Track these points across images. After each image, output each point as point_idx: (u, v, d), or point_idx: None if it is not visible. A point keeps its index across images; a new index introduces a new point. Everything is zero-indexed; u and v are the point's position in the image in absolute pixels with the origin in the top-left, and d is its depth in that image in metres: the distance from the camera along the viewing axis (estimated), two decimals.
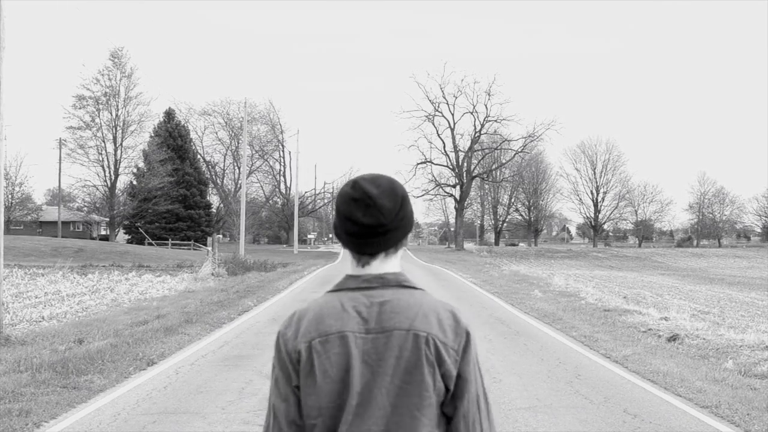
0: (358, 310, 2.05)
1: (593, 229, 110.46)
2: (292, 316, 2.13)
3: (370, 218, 2.07)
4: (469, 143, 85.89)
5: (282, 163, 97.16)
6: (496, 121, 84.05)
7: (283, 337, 2.09)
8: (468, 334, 2.08)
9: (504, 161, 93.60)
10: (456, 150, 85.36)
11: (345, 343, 2.02)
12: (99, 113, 65.97)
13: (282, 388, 2.08)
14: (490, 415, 2.10)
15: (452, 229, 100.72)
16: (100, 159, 66.39)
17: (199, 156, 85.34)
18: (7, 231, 66.92)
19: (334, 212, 2.35)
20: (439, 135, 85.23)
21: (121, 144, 66.90)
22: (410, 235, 2.22)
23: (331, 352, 2.02)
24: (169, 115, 77.02)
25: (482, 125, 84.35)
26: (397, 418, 1.99)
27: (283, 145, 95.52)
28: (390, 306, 2.05)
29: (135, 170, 69.48)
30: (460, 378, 2.04)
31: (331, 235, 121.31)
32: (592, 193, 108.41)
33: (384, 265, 2.11)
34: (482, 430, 2.06)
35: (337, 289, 2.12)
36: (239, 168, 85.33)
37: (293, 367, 2.05)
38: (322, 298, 2.13)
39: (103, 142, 66.31)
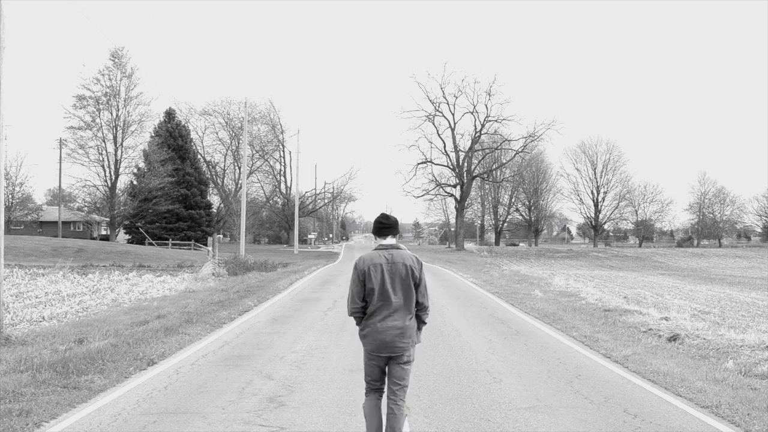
0: (385, 256, 6.29)
1: (594, 229, 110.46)
2: (361, 257, 6.35)
3: (386, 222, 6.43)
4: (469, 143, 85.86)
5: (282, 163, 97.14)
6: (496, 121, 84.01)
7: (357, 264, 6.30)
8: (421, 263, 6.41)
9: (504, 161, 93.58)
10: (456, 150, 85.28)
11: (381, 267, 6.24)
12: (99, 113, 65.97)
13: (356, 282, 6.29)
14: (427, 292, 6.42)
15: (453, 229, 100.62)
16: (101, 159, 66.38)
17: (199, 156, 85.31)
18: (8, 231, 66.96)
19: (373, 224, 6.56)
20: (439, 135, 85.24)
21: (122, 144, 66.87)
22: (409, 235, 3.37)
23: (376, 270, 6.24)
24: (170, 115, 77.03)
25: (482, 125, 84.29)
26: (404, 291, 6.26)
27: (283, 145, 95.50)
28: (395, 255, 6.29)
29: (135, 170, 69.44)
30: (419, 279, 6.33)
31: (331, 235, 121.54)
32: (592, 193, 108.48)
33: (390, 240, 6.40)
34: (425, 296, 6.37)
35: (376, 248, 6.38)
36: (239, 168, 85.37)
37: (360, 275, 6.25)
38: (372, 251, 6.39)
39: (104, 142, 66.29)
